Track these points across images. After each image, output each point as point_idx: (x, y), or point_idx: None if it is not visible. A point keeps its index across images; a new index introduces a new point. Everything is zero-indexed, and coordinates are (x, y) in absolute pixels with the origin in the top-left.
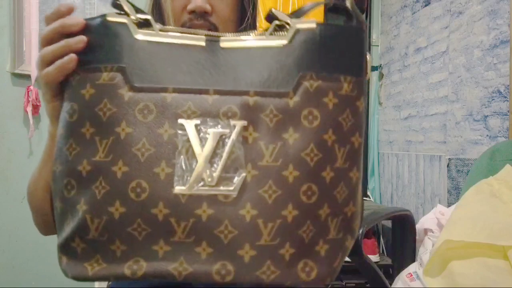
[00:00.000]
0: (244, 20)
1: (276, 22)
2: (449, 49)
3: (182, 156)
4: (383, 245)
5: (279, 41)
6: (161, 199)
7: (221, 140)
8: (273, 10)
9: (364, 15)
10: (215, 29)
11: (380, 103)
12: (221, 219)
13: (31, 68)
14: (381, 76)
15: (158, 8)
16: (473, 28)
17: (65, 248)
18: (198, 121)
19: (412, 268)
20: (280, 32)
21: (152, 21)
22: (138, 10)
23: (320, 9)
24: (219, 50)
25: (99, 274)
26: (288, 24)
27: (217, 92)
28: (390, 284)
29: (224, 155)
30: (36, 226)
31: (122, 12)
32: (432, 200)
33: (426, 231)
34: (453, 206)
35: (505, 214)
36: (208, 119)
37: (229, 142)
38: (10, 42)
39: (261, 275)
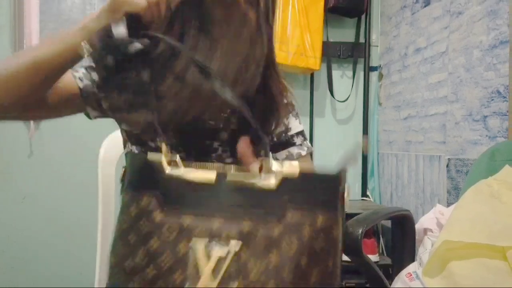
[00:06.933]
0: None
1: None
2: (449, 49)
3: (192, 268)
4: (383, 245)
5: (269, 184)
6: None
7: (221, 258)
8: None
9: (363, 16)
10: None
11: (379, 103)
12: None
13: None
14: (380, 77)
15: None
16: (472, 29)
17: None
18: (206, 241)
19: (411, 268)
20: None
21: (179, 162)
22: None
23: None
24: (225, 183)
25: None
26: (272, 171)
27: (221, 217)
28: (390, 284)
29: (222, 269)
30: None
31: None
32: (431, 200)
33: (425, 230)
34: (452, 206)
35: (505, 215)
36: (213, 241)
37: (227, 259)
38: (11, 42)
39: None
